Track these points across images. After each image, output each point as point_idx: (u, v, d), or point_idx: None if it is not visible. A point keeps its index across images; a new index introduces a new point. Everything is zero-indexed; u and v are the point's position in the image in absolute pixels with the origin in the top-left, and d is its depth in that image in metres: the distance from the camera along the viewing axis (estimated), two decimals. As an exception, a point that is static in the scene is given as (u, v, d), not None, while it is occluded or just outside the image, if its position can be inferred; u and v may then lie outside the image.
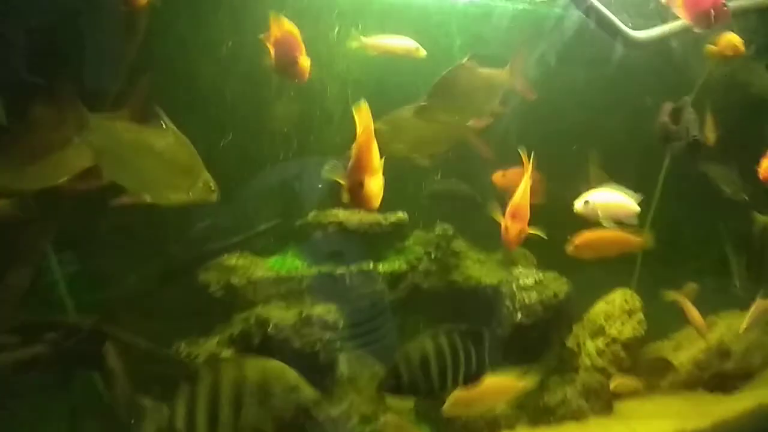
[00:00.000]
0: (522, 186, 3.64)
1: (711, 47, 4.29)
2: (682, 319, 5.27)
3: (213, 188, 3.22)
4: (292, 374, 2.93)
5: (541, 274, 4.80)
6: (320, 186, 4.77)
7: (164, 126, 3.03)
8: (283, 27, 3.36)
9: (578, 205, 4.14)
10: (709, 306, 5.30)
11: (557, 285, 4.79)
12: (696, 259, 5.46)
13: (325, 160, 4.48)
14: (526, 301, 4.68)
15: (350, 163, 2.70)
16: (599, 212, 4.10)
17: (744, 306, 5.17)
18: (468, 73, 3.80)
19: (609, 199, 4.19)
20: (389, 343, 4.45)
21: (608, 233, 4.18)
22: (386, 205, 4.76)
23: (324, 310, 4.24)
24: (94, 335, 3.99)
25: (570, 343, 5.03)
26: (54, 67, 3.67)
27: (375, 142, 2.69)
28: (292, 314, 4.21)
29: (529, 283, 4.73)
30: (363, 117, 2.68)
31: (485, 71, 3.86)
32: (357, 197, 2.66)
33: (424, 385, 3.18)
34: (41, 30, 3.85)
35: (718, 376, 5.30)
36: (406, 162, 4.77)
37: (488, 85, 3.89)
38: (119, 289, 4.37)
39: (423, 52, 4.15)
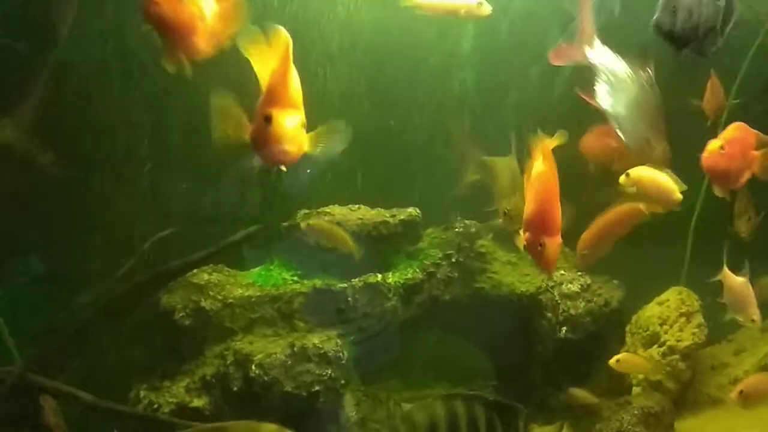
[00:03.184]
0: (544, 181, 2.57)
1: None
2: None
3: None
4: None
5: (588, 278, 3.92)
6: (308, 172, 3.83)
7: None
8: None
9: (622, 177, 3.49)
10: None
11: (608, 291, 3.97)
12: (752, 245, 4.62)
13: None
14: (572, 312, 3.84)
15: (260, 99, 2.11)
16: (637, 189, 3.49)
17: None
18: None
19: (653, 178, 3.52)
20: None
21: (605, 219, 3.66)
22: (395, 199, 4.04)
23: (322, 339, 3.35)
24: (23, 387, 3.07)
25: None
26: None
27: (294, 71, 2.12)
28: (282, 346, 3.36)
29: (574, 289, 3.90)
30: (280, 42, 2.11)
31: None
32: (262, 137, 2.04)
33: None
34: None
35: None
36: (416, 147, 3.90)
37: None
38: (60, 318, 3.64)
39: (488, 9, 3.37)
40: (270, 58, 2.09)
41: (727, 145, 2.87)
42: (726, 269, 3.66)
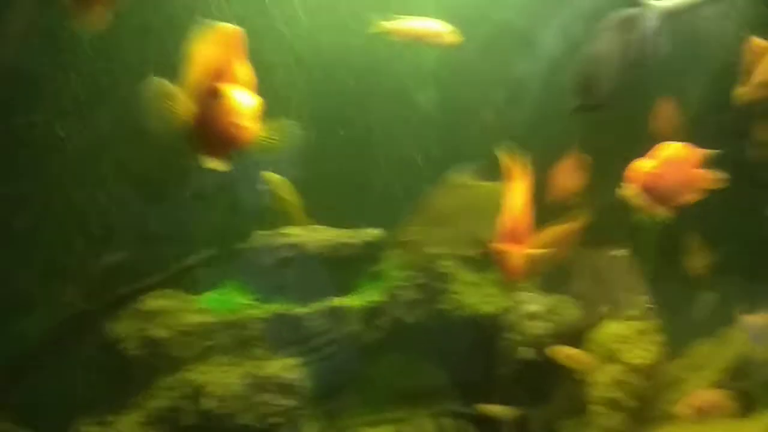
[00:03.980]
0: (518, 191, 2.66)
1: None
2: (697, 333, 4.64)
3: None
4: None
5: (549, 298, 3.90)
6: (265, 189, 3.71)
7: None
8: None
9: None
10: (724, 315, 4.61)
11: (570, 311, 3.93)
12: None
13: (271, 157, 3.53)
14: (533, 332, 3.80)
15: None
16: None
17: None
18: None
19: None
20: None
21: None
22: (354, 219, 3.95)
23: (282, 367, 3.20)
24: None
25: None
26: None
27: (248, 63, 1.82)
28: (238, 376, 3.16)
29: (536, 310, 3.83)
30: (227, 35, 1.80)
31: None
32: (208, 116, 1.71)
33: None
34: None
35: (738, 397, 4.60)
36: (377, 166, 3.82)
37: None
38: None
39: (457, 36, 3.41)
40: (211, 56, 1.80)
41: (656, 164, 2.76)
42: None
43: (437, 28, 3.37)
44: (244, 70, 1.79)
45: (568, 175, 3.53)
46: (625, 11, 2.44)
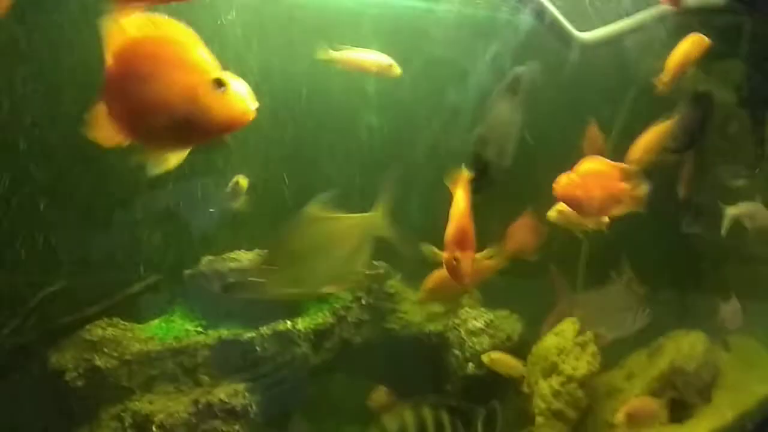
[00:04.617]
0: (460, 200, 2.71)
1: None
2: (631, 343, 4.90)
3: None
4: None
5: (491, 314, 4.04)
6: (212, 212, 3.71)
7: None
8: None
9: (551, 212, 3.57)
10: (656, 326, 4.82)
11: (510, 325, 4.09)
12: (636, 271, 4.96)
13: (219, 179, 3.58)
14: (477, 348, 3.91)
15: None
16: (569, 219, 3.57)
17: (695, 324, 4.75)
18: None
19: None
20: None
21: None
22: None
23: (229, 393, 3.22)
24: None
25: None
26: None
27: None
28: (185, 404, 3.17)
29: (478, 325, 3.98)
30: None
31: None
32: (211, 105, 1.65)
33: None
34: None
35: (672, 405, 4.82)
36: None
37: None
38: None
39: (398, 70, 3.48)
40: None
41: (578, 176, 2.86)
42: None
43: (380, 60, 3.46)
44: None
45: (523, 234, 3.66)
46: (511, 72, 2.57)
